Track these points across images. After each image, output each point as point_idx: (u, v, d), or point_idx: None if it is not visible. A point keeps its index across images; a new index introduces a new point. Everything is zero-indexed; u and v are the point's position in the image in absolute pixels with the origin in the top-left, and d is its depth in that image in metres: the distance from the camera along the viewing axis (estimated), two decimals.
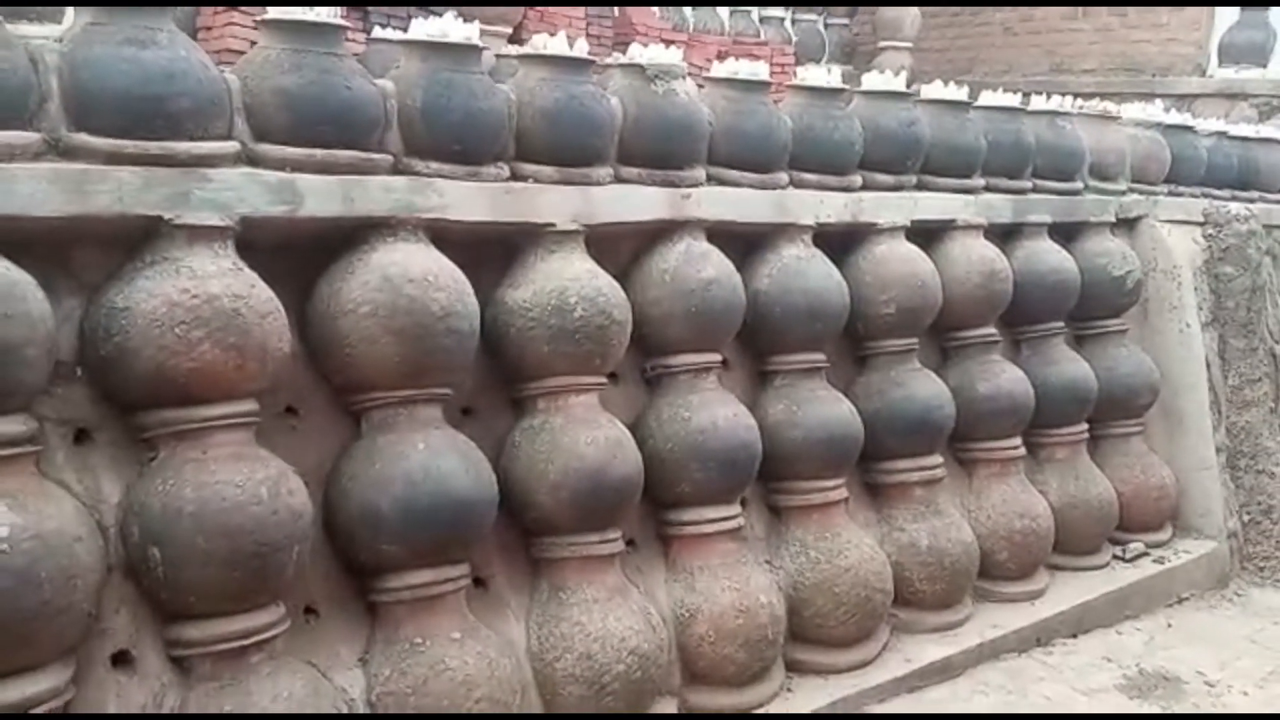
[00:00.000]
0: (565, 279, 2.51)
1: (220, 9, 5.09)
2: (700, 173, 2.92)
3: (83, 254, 1.96)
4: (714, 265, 2.80)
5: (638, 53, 2.87)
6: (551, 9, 6.71)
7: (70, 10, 5.09)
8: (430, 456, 2.24)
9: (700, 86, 3.09)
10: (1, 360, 1.70)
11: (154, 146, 1.94)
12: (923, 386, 3.25)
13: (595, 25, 7.10)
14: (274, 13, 2.18)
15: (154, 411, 1.95)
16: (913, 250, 3.28)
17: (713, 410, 2.73)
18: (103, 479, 1.95)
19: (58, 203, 1.84)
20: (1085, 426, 3.82)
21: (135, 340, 1.88)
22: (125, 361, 1.89)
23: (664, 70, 2.82)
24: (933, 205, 3.43)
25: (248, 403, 2.03)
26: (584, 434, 2.50)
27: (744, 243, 3.01)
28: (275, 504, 1.96)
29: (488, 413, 2.63)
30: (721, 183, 2.96)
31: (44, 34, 4.67)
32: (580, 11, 7.10)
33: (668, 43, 7.69)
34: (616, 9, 7.73)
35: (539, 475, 2.46)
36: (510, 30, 6.18)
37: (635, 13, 7.74)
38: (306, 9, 2.17)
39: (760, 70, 3.08)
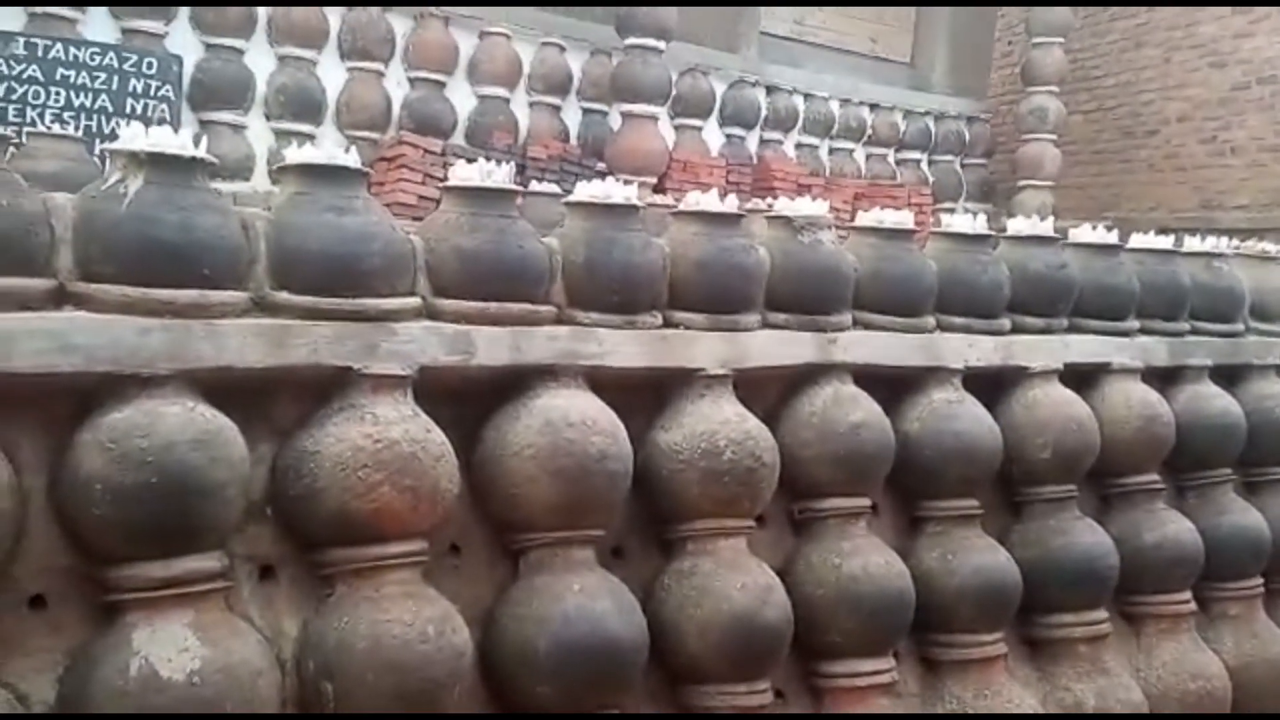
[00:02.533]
0: (715, 422, 2.57)
1: (393, 165, 5.54)
2: (846, 318, 2.96)
3: (279, 401, 2.13)
4: (863, 408, 2.81)
5: (784, 205, 2.97)
6: (695, 160, 7.02)
7: (261, 169, 5.65)
8: (585, 599, 2.29)
9: (841, 232, 3.16)
10: (206, 500, 1.86)
11: (347, 303, 2.12)
12: (1084, 535, 3.13)
13: (735, 173, 7.37)
14: (456, 180, 2.38)
15: (334, 549, 2.07)
16: (1067, 394, 3.22)
17: (864, 556, 2.70)
18: (283, 614, 2.06)
19: (260, 354, 2.02)
20: (1260, 580, 3.58)
21: (322, 481, 2.02)
22: (312, 501, 2.03)
23: (810, 222, 2.91)
24: (1086, 348, 3.37)
25: (418, 542, 2.13)
26: (733, 579, 2.50)
27: (891, 386, 3.02)
28: (440, 642, 2.03)
29: (636, 553, 2.66)
30: (868, 327, 3.00)
31: (233, 189, 5.15)
32: (721, 160, 7.40)
33: (804, 187, 7.92)
34: (755, 157, 8.03)
35: (688, 619, 2.47)
36: (655, 180, 6.50)
37: (772, 159, 8.01)
38: (485, 175, 2.36)
39: (905, 219, 3.14)
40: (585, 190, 2.58)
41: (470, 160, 2.48)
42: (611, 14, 6.94)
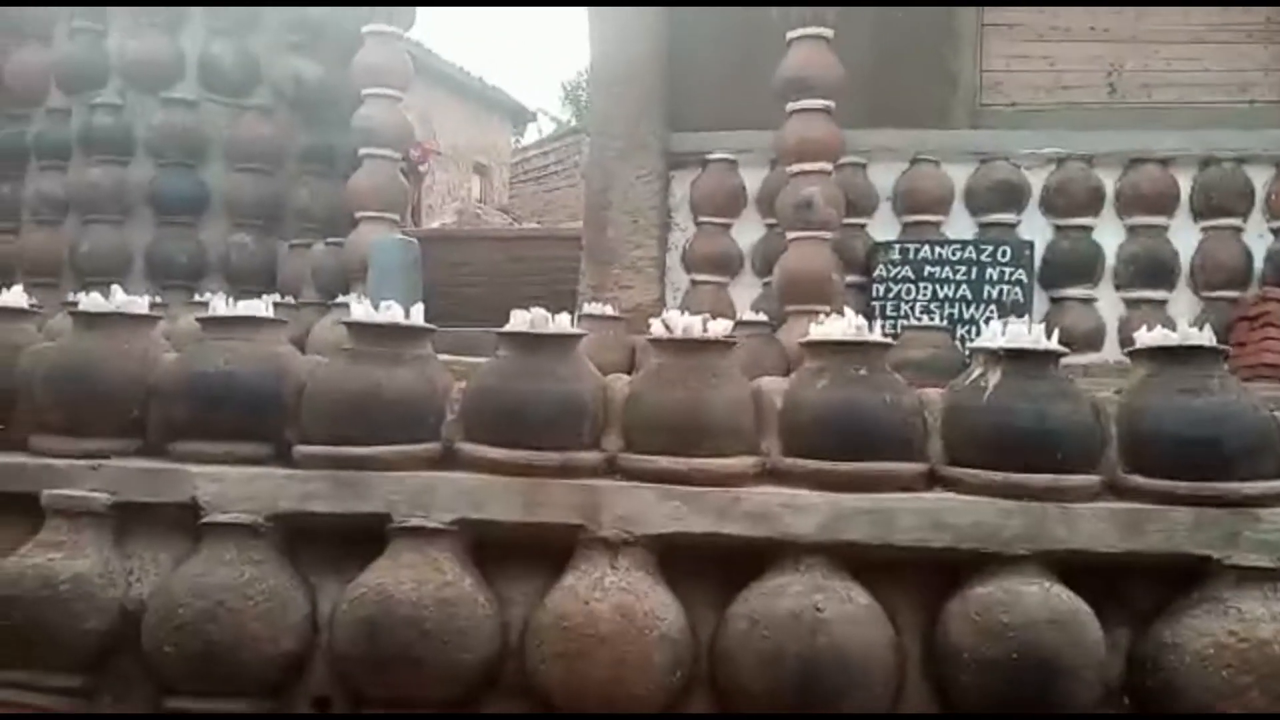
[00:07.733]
0: None
1: (1256, 324, 5.07)
2: None
3: (1130, 586, 2.10)
4: None
5: None
6: None
7: (1111, 339, 5.62)
8: None
9: None
10: (1064, 680, 1.91)
11: (1205, 488, 2.03)
12: None
13: None
14: None
15: None
16: None
17: None
18: None
19: (1113, 538, 2.04)
20: None
21: (1181, 678, 1.93)
22: (1171, 697, 1.95)
23: None
24: None
25: None
26: None
27: None
28: None
29: None
30: None
31: (1084, 361, 5.23)
32: None
33: None
34: None
35: None
36: None
37: None
38: None
39: None
40: None
41: None
42: None
